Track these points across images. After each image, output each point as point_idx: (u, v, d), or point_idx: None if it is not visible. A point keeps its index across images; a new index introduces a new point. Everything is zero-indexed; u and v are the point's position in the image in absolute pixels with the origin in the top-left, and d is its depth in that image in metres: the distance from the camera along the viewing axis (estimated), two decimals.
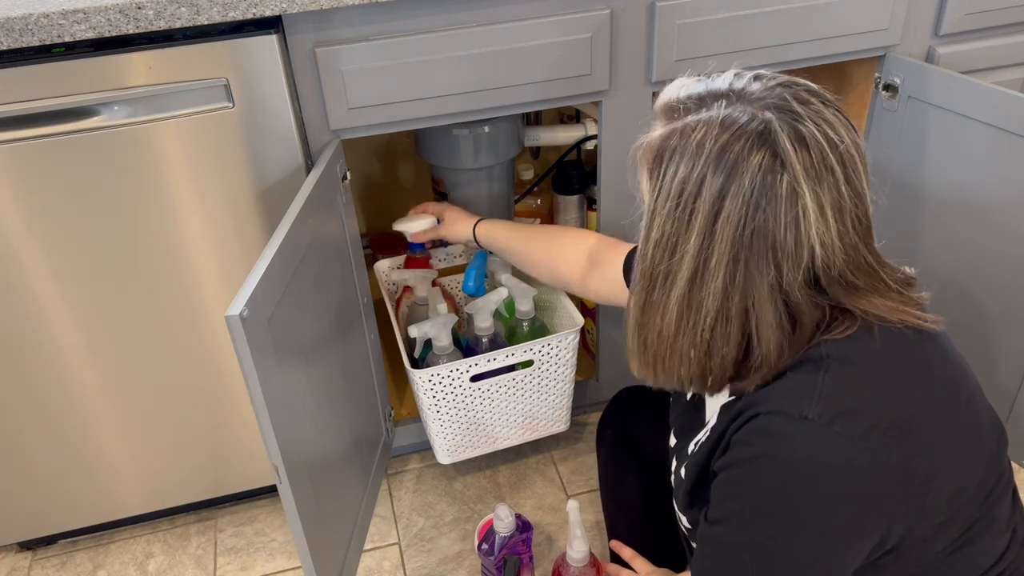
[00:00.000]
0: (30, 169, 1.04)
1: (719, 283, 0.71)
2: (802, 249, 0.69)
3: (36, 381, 1.20)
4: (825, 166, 0.68)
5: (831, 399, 0.69)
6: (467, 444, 1.35)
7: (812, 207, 0.68)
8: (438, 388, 1.25)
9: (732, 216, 0.69)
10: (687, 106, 0.73)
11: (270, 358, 0.90)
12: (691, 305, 0.73)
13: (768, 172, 0.68)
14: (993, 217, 1.22)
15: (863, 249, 0.72)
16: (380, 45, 1.09)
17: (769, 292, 0.70)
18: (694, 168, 0.70)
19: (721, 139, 0.69)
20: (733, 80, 0.74)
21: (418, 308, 1.44)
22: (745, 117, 0.69)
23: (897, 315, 0.73)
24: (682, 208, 0.71)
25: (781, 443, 0.70)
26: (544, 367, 1.30)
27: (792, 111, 0.69)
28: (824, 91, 0.74)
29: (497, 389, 1.29)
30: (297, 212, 0.99)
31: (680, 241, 0.71)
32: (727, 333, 0.73)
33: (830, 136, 0.69)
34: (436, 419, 1.28)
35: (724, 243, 0.69)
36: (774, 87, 0.72)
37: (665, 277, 0.73)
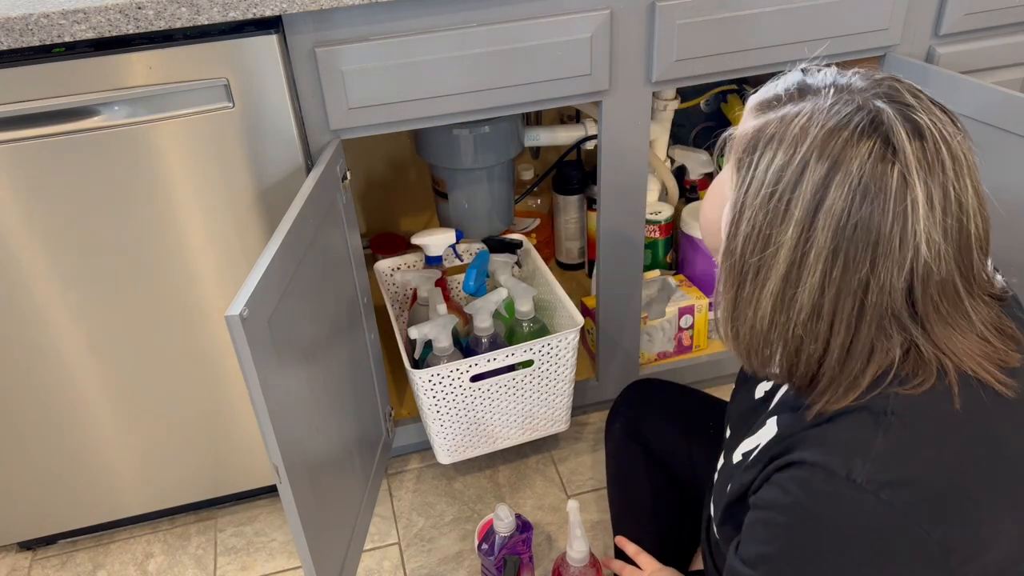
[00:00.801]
0: (30, 169, 1.04)
1: (816, 278, 0.66)
2: (906, 245, 0.64)
3: (36, 381, 1.20)
4: (938, 160, 0.64)
5: (883, 465, 0.65)
6: (467, 444, 1.35)
7: (923, 200, 0.63)
8: (438, 388, 1.25)
9: (836, 206, 0.63)
10: (788, 95, 0.69)
11: (270, 358, 0.90)
12: (785, 300, 0.68)
13: (879, 160, 0.63)
14: (993, 217, 1.22)
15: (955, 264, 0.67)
16: (380, 45, 1.09)
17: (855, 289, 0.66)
18: (795, 155, 0.65)
19: (828, 124, 0.64)
20: (836, 75, 0.70)
21: (419, 308, 1.44)
22: (853, 106, 0.65)
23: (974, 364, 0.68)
24: (779, 198, 0.66)
25: (821, 500, 0.67)
26: (544, 367, 1.30)
27: (904, 102, 0.65)
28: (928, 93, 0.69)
29: (497, 389, 1.29)
30: (297, 212, 0.99)
31: (775, 233, 0.66)
32: (817, 330, 0.68)
33: (944, 132, 0.65)
34: (436, 419, 1.28)
35: (825, 235, 0.64)
36: (881, 80, 0.68)
37: (757, 271, 0.69)
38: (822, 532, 0.67)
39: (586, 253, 1.78)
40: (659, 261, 1.69)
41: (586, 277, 1.80)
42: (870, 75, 0.69)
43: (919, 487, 0.65)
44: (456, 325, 1.32)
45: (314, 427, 1.05)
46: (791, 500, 0.69)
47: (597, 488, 1.48)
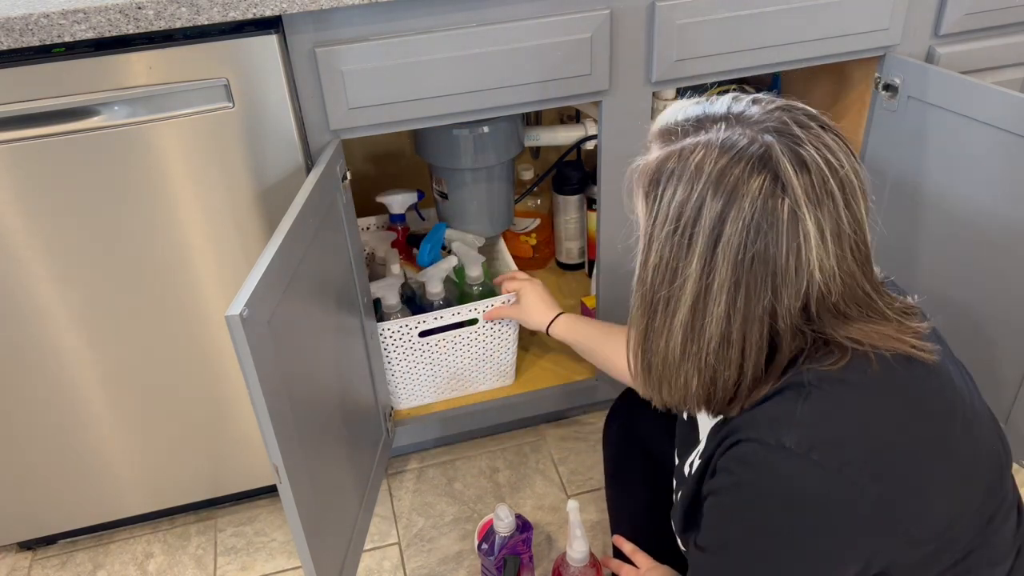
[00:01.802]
0: (30, 169, 1.04)
1: (722, 308, 0.70)
2: (802, 274, 0.68)
3: (36, 381, 1.20)
4: (826, 191, 0.67)
5: (809, 428, 0.69)
6: (421, 392, 1.47)
7: (813, 232, 0.67)
8: (389, 342, 1.37)
9: (732, 240, 0.68)
10: (685, 128, 0.72)
11: (270, 358, 0.90)
12: (695, 330, 0.72)
13: (769, 196, 0.67)
14: (992, 217, 1.22)
15: (860, 278, 0.72)
16: (380, 45, 1.09)
17: (761, 315, 0.70)
18: (693, 191, 0.69)
19: (720, 162, 0.68)
20: (731, 103, 0.73)
21: (378, 268, 1.55)
22: (745, 140, 0.68)
23: (890, 343, 0.72)
24: (681, 232, 0.70)
25: (760, 472, 0.71)
26: (488, 325, 1.41)
27: (792, 135, 0.68)
28: (822, 115, 0.72)
29: (445, 344, 1.41)
30: (297, 212, 0.99)
31: (681, 266, 0.70)
32: (728, 357, 0.72)
33: (830, 160, 0.68)
34: (390, 369, 1.41)
35: (726, 267, 0.69)
36: (773, 110, 0.71)
37: (667, 302, 0.73)
38: (765, 502, 0.71)
39: (586, 253, 1.78)
40: None
41: (586, 277, 1.80)
42: (764, 103, 0.72)
43: (849, 446, 0.68)
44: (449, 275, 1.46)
45: (314, 427, 1.05)
46: (734, 479, 0.73)
47: (597, 488, 1.48)
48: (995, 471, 0.76)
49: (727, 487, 0.74)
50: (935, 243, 1.33)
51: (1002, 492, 0.77)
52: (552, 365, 1.57)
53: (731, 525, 0.74)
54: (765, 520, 0.71)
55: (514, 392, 1.52)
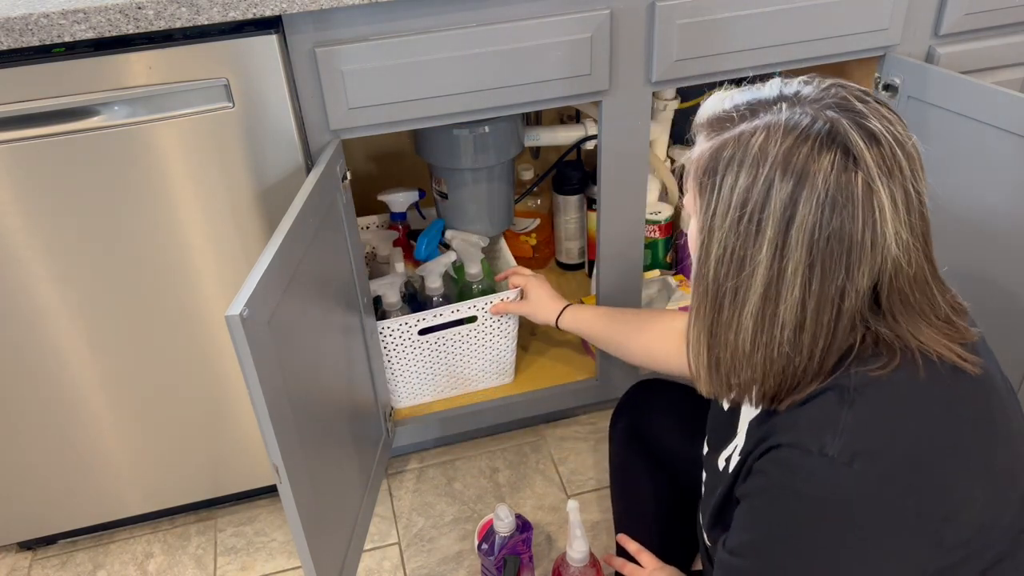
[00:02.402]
0: (30, 169, 1.04)
1: (796, 293, 0.67)
2: (878, 249, 0.66)
3: (36, 381, 1.20)
4: (896, 163, 0.66)
5: (852, 436, 0.67)
6: (420, 390, 1.47)
7: (888, 204, 0.65)
8: (388, 340, 1.36)
9: (807, 221, 0.65)
10: (740, 114, 0.70)
11: (270, 358, 0.90)
12: (767, 319, 0.69)
13: (842, 171, 0.65)
14: (994, 217, 1.22)
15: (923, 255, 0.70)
16: (380, 45, 1.09)
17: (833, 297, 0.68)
18: (759, 175, 0.66)
19: (786, 142, 0.65)
20: (782, 86, 0.71)
21: (379, 266, 1.54)
22: (807, 118, 0.66)
23: (939, 347, 0.70)
24: (748, 219, 0.67)
25: (798, 477, 0.69)
26: (487, 323, 1.40)
27: (855, 110, 0.67)
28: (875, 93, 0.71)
29: (444, 342, 1.40)
30: (297, 212, 0.99)
31: (749, 254, 0.68)
32: (802, 342, 0.70)
33: (896, 133, 0.67)
34: (389, 367, 1.40)
35: (800, 250, 0.66)
36: (828, 87, 0.70)
37: (735, 293, 0.70)
38: (803, 507, 0.69)
39: (586, 253, 1.78)
40: (659, 261, 1.69)
41: (586, 277, 1.80)
42: (816, 83, 0.71)
43: (890, 456, 0.67)
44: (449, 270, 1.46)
45: (314, 427, 1.05)
46: (771, 482, 0.71)
47: (597, 488, 1.48)
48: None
49: (762, 489, 0.72)
50: (935, 243, 1.33)
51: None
52: (552, 365, 1.57)
53: (765, 530, 0.73)
54: (798, 524, 0.70)
55: (514, 392, 1.52)
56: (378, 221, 1.65)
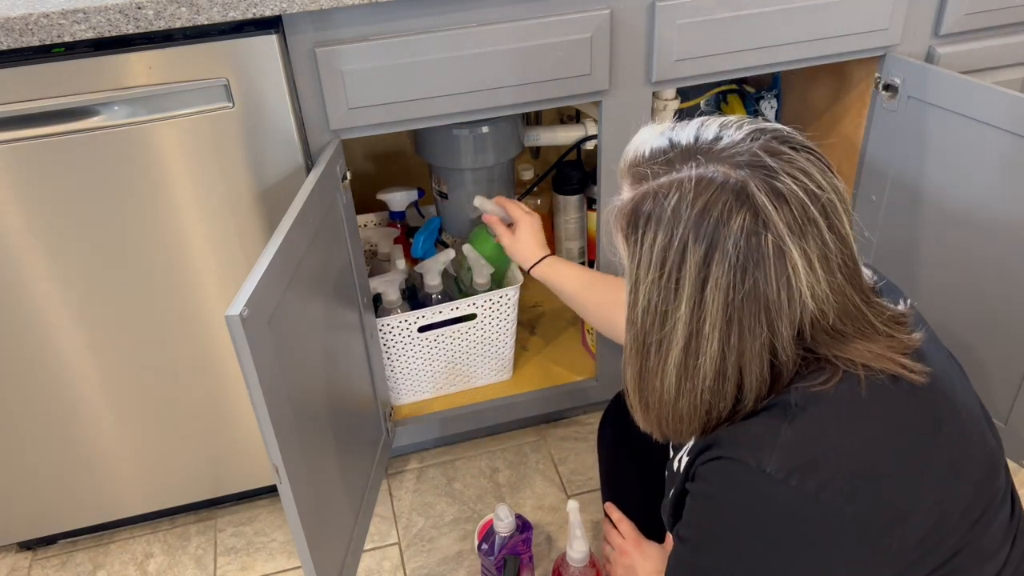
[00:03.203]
0: (30, 169, 1.04)
1: (715, 347, 0.70)
2: (795, 305, 0.68)
3: (36, 381, 1.20)
4: (808, 219, 0.67)
5: (790, 452, 0.69)
6: (420, 387, 1.48)
7: (801, 263, 0.67)
8: (388, 337, 1.37)
9: (721, 282, 0.67)
10: (654, 170, 0.71)
11: (270, 358, 0.90)
12: (688, 369, 0.72)
13: (752, 234, 0.66)
14: (992, 216, 1.22)
15: (851, 292, 0.71)
16: (380, 45, 1.09)
17: (760, 349, 0.70)
18: (674, 236, 0.68)
19: (698, 204, 0.67)
20: (699, 131, 0.72)
21: (380, 263, 1.55)
22: (719, 177, 0.67)
23: (880, 362, 0.72)
24: (667, 277, 0.69)
25: (737, 491, 0.72)
26: (486, 321, 1.41)
27: (766, 166, 0.67)
28: (794, 134, 0.71)
29: (444, 339, 1.41)
30: (297, 212, 0.99)
31: (670, 310, 0.70)
32: (724, 391, 0.73)
33: (808, 187, 0.67)
34: (389, 364, 1.41)
35: (716, 309, 0.68)
36: (743, 139, 0.70)
37: (659, 345, 0.73)
38: (741, 519, 0.72)
39: (586, 253, 1.78)
40: None
41: None
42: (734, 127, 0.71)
43: (827, 468, 0.68)
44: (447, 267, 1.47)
45: (314, 427, 1.05)
46: (712, 490, 0.74)
47: (597, 488, 1.48)
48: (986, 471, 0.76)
49: (705, 495, 0.75)
50: (935, 243, 1.33)
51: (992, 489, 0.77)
52: (552, 365, 1.57)
53: (707, 528, 0.76)
54: (737, 534, 0.72)
55: (514, 392, 1.52)
56: (376, 219, 1.66)
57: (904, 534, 0.70)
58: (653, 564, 1.06)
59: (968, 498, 0.74)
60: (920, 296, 1.39)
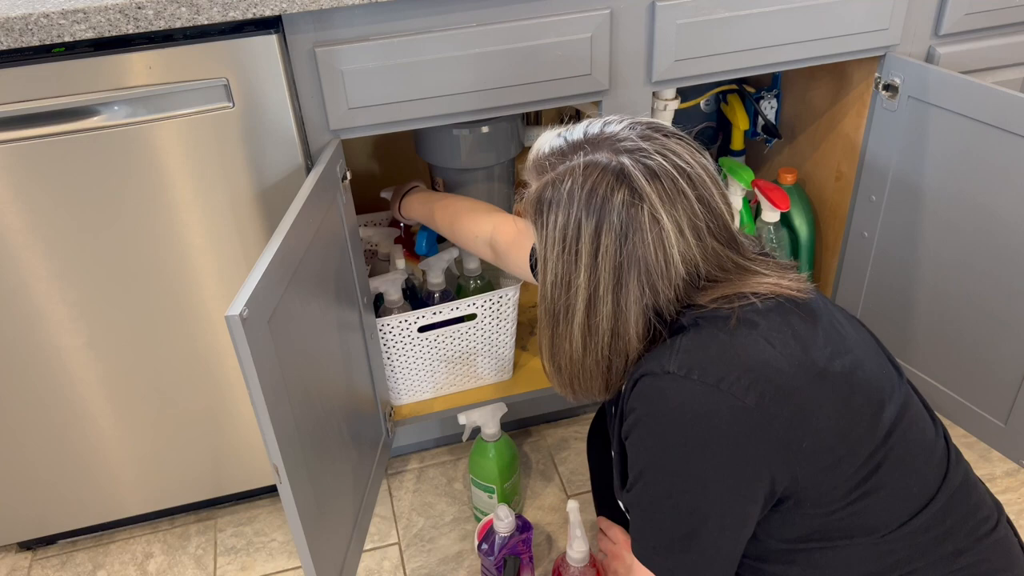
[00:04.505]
0: (30, 169, 1.04)
1: (609, 307, 0.82)
2: (670, 266, 0.79)
3: (36, 381, 1.20)
4: (677, 190, 0.78)
5: (687, 354, 0.79)
6: (420, 387, 1.47)
7: (672, 229, 0.78)
8: (388, 336, 1.37)
9: (609, 249, 0.79)
10: (552, 161, 0.83)
11: (270, 358, 0.90)
12: (590, 330, 0.84)
13: (630, 206, 0.78)
14: (993, 217, 1.22)
15: (727, 253, 0.82)
16: (380, 45, 1.09)
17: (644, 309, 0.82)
18: (570, 215, 0.80)
19: (586, 186, 0.79)
20: (587, 128, 0.84)
21: (380, 263, 1.56)
22: (603, 161, 0.80)
23: (768, 288, 0.82)
24: (568, 251, 0.81)
25: (652, 399, 0.80)
26: (486, 321, 1.41)
27: (640, 149, 0.79)
28: (664, 125, 0.84)
29: (444, 339, 1.41)
30: (297, 212, 0.99)
31: (572, 278, 0.82)
32: (619, 347, 0.84)
33: (678, 164, 0.79)
34: (389, 364, 1.41)
35: (607, 273, 0.80)
36: (622, 130, 0.82)
37: (566, 311, 0.84)
38: (662, 424, 0.80)
39: None
40: None
41: None
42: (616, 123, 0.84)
43: (723, 364, 0.78)
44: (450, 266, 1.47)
45: (314, 427, 1.05)
46: (636, 415, 0.82)
47: None
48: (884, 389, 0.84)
49: (633, 424, 0.83)
50: (935, 242, 1.33)
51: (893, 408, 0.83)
52: None
53: (642, 455, 0.83)
54: (666, 441, 0.80)
55: (514, 392, 1.52)
56: (375, 219, 1.66)
57: (813, 431, 0.78)
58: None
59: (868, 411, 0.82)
60: (920, 295, 1.39)
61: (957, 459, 0.89)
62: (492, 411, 1.38)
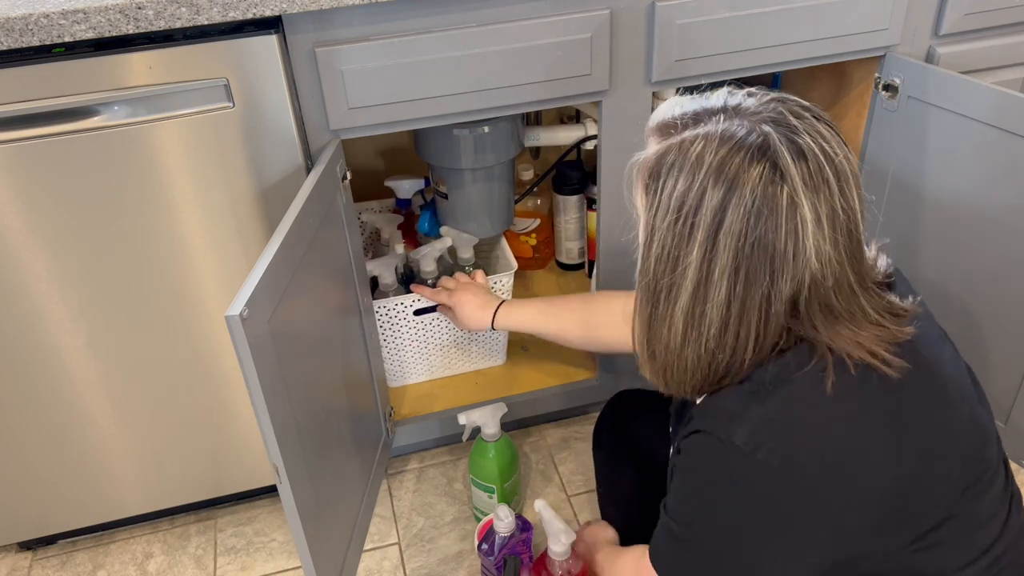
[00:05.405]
0: (30, 169, 1.04)
1: (722, 294, 0.73)
2: (799, 260, 0.71)
3: (36, 381, 1.20)
4: (822, 178, 0.70)
5: (758, 428, 0.73)
6: (414, 369, 1.51)
7: (811, 218, 0.70)
8: (384, 319, 1.40)
9: (734, 227, 0.70)
10: (684, 122, 0.75)
11: (270, 358, 0.90)
12: (695, 316, 0.75)
13: (769, 184, 0.69)
14: (992, 217, 1.22)
15: (848, 268, 0.74)
16: (380, 45, 1.09)
17: (759, 303, 0.73)
18: (694, 181, 0.71)
19: (721, 152, 0.70)
20: (728, 97, 0.76)
21: (382, 248, 1.59)
22: (743, 130, 0.71)
23: (860, 352, 0.74)
24: (683, 222, 0.72)
25: (709, 462, 0.77)
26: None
27: (788, 124, 0.71)
28: (815, 107, 0.75)
29: (439, 323, 1.45)
30: (297, 212, 0.99)
31: (682, 254, 0.73)
32: (725, 342, 0.75)
33: (826, 149, 0.71)
34: (385, 345, 1.44)
35: (727, 254, 0.71)
36: (768, 102, 0.74)
37: (669, 290, 0.75)
38: (715, 489, 0.77)
39: (586, 253, 1.78)
40: None
41: (586, 277, 1.80)
42: (759, 95, 0.76)
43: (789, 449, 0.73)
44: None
45: (314, 427, 1.05)
46: (692, 462, 0.79)
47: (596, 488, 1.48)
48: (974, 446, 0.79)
49: (684, 468, 0.80)
50: (935, 242, 1.33)
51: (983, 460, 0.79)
52: (552, 364, 1.57)
53: (690, 502, 0.81)
54: (711, 503, 0.77)
55: (514, 392, 1.52)
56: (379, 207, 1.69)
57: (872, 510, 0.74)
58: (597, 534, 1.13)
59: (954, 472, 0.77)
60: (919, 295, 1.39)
61: (1019, 504, 0.84)
62: (492, 411, 1.38)
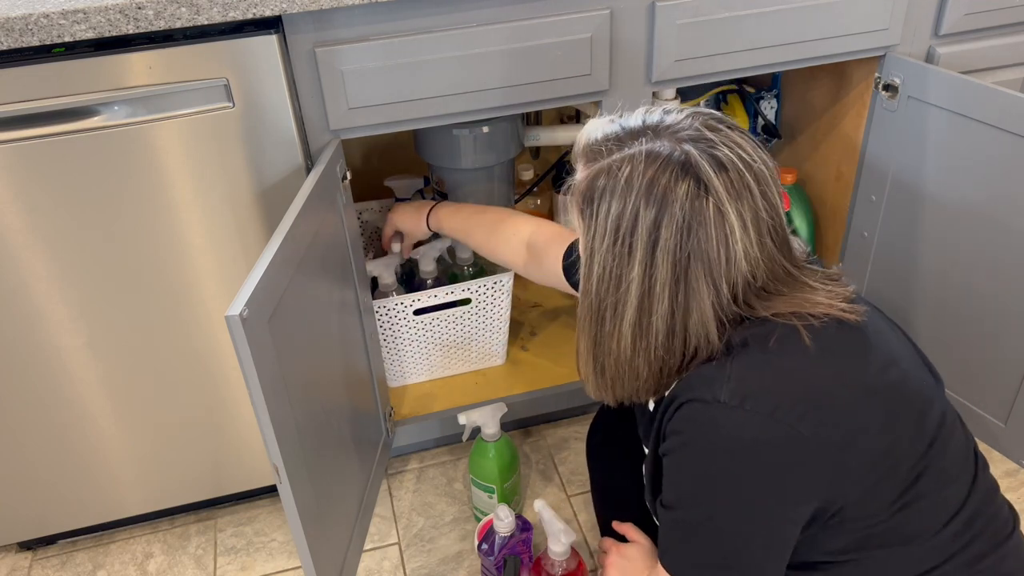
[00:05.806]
0: (30, 169, 1.04)
1: (666, 305, 0.77)
2: (731, 264, 0.76)
3: (36, 381, 1.20)
4: (744, 184, 0.75)
5: (738, 382, 0.76)
6: (414, 370, 1.49)
7: (737, 224, 0.75)
8: (384, 319, 1.39)
9: (669, 243, 0.75)
10: (608, 147, 0.78)
11: (270, 358, 0.90)
12: (643, 328, 0.79)
13: (695, 198, 0.74)
14: (992, 217, 1.22)
15: (779, 258, 0.79)
16: (380, 45, 1.09)
17: (703, 306, 0.77)
18: (627, 204, 0.75)
19: (648, 173, 0.75)
20: (645, 116, 0.80)
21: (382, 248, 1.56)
22: (666, 150, 0.75)
23: (819, 309, 0.79)
24: (621, 243, 0.77)
25: (703, 427, 0.78)
26: (480, 305, 1.43)
27: (706, 139, 0.76)
28: (726, 117, 0.80)
29: (438, 323, 1.43)
30: (297, 212, 0.99)
31: (624, 273, 0.77)
32: (674, 347, 0.80)
33: (743, 157, 0.76)
34: (384, 345, 1.43)
35: (666, 268, 0.76)
36: (685, 118, 0.78)
37: (614, 308, 0.80)
38: (712, 452, 0.78)
39: None
40: None
41: None
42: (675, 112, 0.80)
43: (776, 393, 0.76)
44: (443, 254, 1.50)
45: (314, 427, 1.05)
46: (683, 438, 0.80)
47: None
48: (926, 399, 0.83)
49: (678, 446, 0.81)
50: (935, 242, 1.33)
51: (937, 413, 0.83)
52: (552, 365, 1.57)
53: (686, 479, 0.81)
54: (714, 469, 0.78)
55: (513, 392, 1.52)
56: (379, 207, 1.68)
57: (859, 451, 0.77)
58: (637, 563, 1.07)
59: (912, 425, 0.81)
60: (920, 295, 1.39)
61: (984, 464, 0.88)
62: (492, 411, 1.38)
